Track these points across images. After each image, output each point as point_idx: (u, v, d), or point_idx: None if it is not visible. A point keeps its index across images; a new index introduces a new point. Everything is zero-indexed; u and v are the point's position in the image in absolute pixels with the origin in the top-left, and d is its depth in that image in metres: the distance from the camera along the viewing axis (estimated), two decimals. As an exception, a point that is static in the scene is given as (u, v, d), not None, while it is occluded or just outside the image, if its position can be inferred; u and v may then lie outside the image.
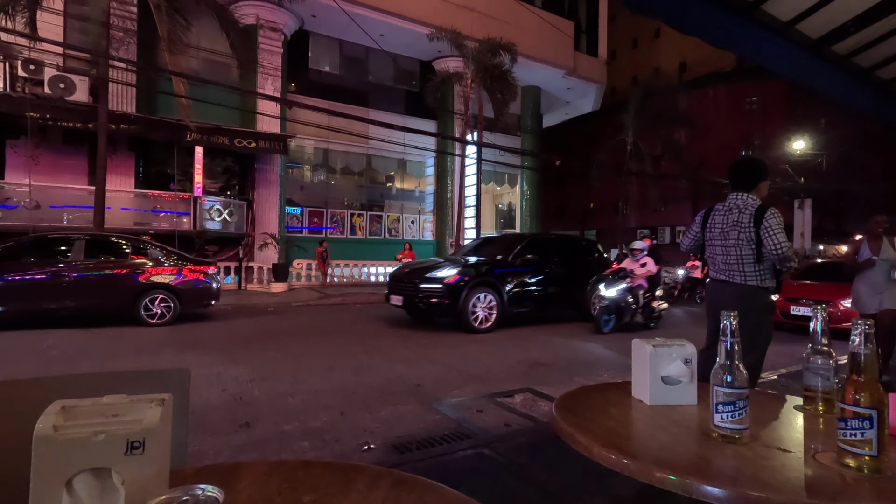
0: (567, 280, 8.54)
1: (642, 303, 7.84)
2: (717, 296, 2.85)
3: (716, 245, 2.83)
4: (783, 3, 3.60)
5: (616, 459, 0.93)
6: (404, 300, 7.69)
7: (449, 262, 7.91)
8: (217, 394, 4.10)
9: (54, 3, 10.42)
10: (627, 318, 7.66)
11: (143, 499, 0.53)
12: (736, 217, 2.72)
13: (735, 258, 2.72)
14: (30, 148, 11.38)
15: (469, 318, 7.29)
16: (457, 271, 7.46)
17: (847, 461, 0.88)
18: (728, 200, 2.84)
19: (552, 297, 8.41)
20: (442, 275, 7.45)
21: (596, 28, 22.06)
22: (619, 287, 7.61)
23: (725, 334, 1.04)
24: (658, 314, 8.28)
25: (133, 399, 0.66)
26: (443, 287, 7.31)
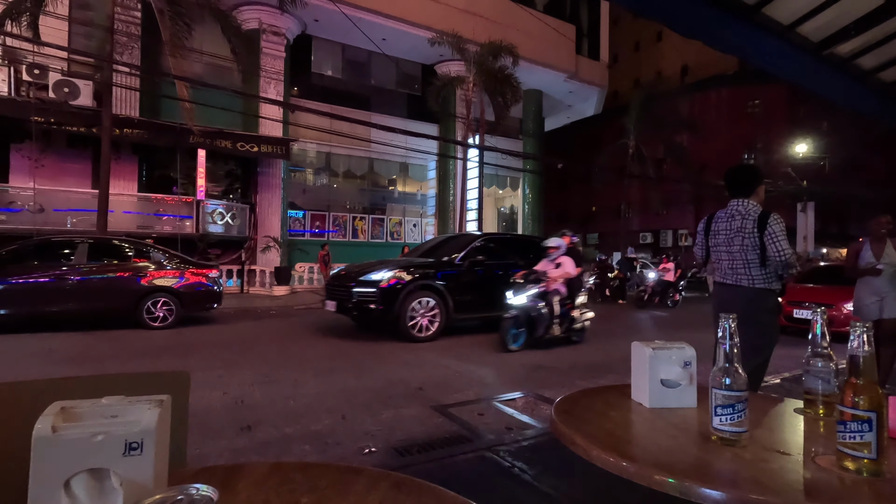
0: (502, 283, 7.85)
1: (559, 312, 6.52)
2: (725, 299, 2.90)
3: (721, 251, 2.91)
4: (784, 5, 3.60)
5: (615, 462, 0.93)
6: (337, 305, 7.15)
7: (388, 264, 7.35)
8: (218, 397, 4.11)
9: (59, 9, 10.49)
10: (541, 331, 6.36)
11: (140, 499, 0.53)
12: (739, 223, 2.80)
13: (741, 263, 2.79)
14: (34, 152, 11.45)
15: (406, 325, 6.69)
16: (392, 274, 6.85)
17: (846, 464, 0.88)
18: (729, 207, 2.93)
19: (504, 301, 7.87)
20: (376, 278, 6.83)
21: (598, 32, 22.10)
22: (529, 293, 6.34)
23: (724, 337, 1.03)
24: (581, 325, 7.02)
25: (131, 400, 0.66)
26: (376, 291, 6.71)
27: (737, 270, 2.83)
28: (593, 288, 14.31)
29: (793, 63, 4.14)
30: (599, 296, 14.26)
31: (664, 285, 13.15)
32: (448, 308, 7.06)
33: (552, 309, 6.45)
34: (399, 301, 6.68)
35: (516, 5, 17.86)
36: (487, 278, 7.54)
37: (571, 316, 6.82)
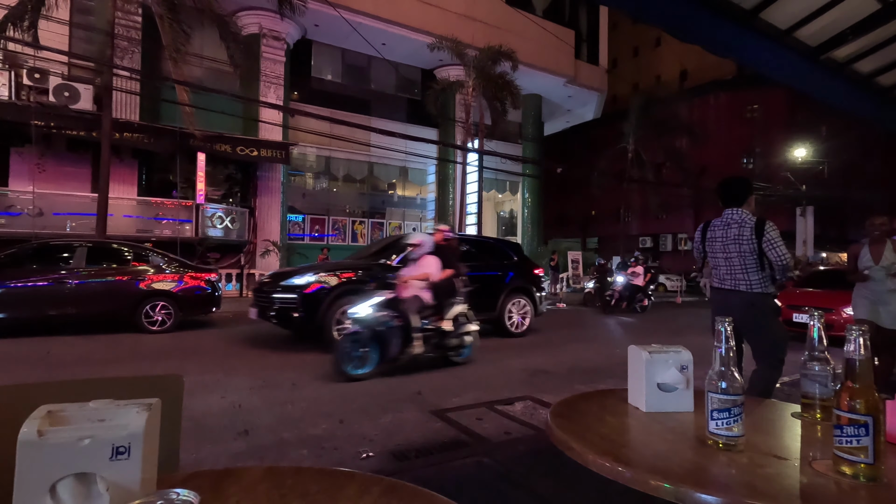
0: (480, 287, 7.08)
1: (420, 325, 5.14)
2: (725, 303, 3.03)
3: (718, 257, 3.09)
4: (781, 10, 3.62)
5: (611, 467, 0.93)
6: (259, 312, 6.56)
7: (315, 268, 6.79)
8: (216, 401, 4.09)
9: (60, 13, 10.53)
10: (395, 351, 4.97)
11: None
12: (736, 231, 2.99)
13: (740, 268, 2.96)
14: (34, 156, 11.46)
15: (332, 334, 6.00)
16: (316, 278, 6.25)
17: (843, 469, 0.87)
18: (724, 216, 3.13)
19: None
20: (298, 283, 6.26)
21: (597, 37, 22.19)
22: (374, 302, 5.02)
23: (719, 340, 1.03)
24: (459, 342, 5.59)
25: (120, 404, 0.66)
26: (297, 297, 6.11)
27: (735, 276, 2.97)
28: (592, 292, 14.27)
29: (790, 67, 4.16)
30: (599, 300, 14.22)
31: (632, 290, 12.73)
32: None
33: (408, 321, 5.06)
34: (323, 308, 6.05)
35: (515, 10, 17.93)
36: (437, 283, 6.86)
37: (442, 330, 5.38)
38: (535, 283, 8.27)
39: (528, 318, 8.01)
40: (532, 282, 8.21)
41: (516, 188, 21.67)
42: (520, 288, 7.96)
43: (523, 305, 8.02)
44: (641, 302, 12.81)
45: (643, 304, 12.84)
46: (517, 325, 7.92)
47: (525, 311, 8.01)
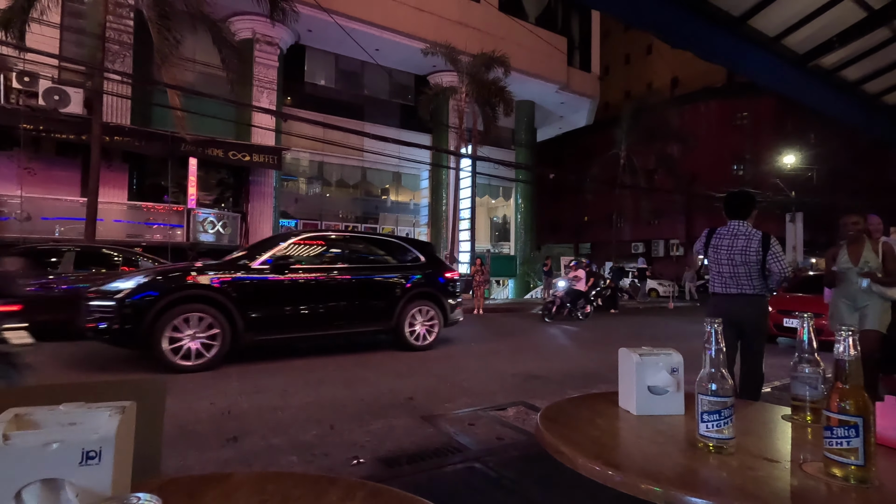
0: (369, 292, 6.56)
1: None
2: (728, 305, 3.32)
3: (722, 264, 3.36)
4: (770, 17, 3.66)
5: (601, 471, 0.91)
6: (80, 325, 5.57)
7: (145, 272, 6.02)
8: (205, 407, 4.03)
9: (50, 16, 10.46)
10: None
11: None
12: (744, 243, 3.28)
13: (745, 274, 3.27)
14: (23, 159, 11.33)
15: (163, 348, 5.17)
16: (139, 284, 5.30)
17: (833, 471, 0.86)
18: (731, 227, 3.40)
19: (338, 316, 6.30)
20: (118, 288, 5.29)
21: (589, 44, 22.39)
22: None
23: (709, 342, 1.02)
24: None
25: (92, 407, 0.63)
26: (115, 305, 5.15)
27: (740, 281, 3.28)
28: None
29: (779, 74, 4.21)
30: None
31: (574, 295, 11.80)
32: (235, 327, 5.50)
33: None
34: (150, 318, 5.13)
35: (508, 17, 18.06)
36: (306, 286, 6.11)
37: None
38: (446, 288, 7.27)
39: (436, 328, 7.05)
40: (442, 287, 7.19)
41: (509, 194, 21.74)
42: (425, 294, 6.99)
43: (429, 314, 7.01)
44: (583, 308, 11.93)
45: (585, 311, 11.96)
46: (420, 337, 6.91)
47: (432, 320, 7.03)
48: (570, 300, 11.71)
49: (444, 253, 18.01)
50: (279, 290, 5.95)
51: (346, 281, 6.44)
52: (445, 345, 7.44)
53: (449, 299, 7.25)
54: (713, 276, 3.44)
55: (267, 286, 5.87)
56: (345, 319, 6.42)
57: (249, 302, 5.69)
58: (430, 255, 7.48)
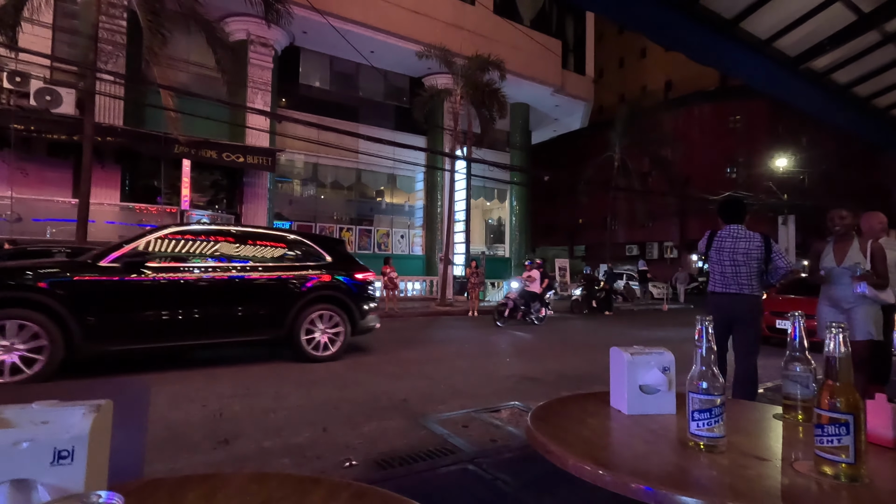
0: (252, 296, 5.74)
1: None
2: (730, 305, 3.50)
3: (725, 264, 3.54)
4: (761, 20, 3.68)
5: (591, 471, 0.90)
6: None
7: None
8: (197, 410, 3.99)
9: (43, 16, 10.38)
10: None
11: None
12: (745, 245, 3.48)
13: (745, 275, 3.46)
14: (13, 160, 11.22)
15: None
16: None
17: (824, 469, 0.85)
18: (731, 230, 3.58)
19: (211, 323, 5.50)
20: None
21: (583, 47, 22.49)
22: None
23: (700, 340, 1.01)
24: None
25: (66, 405, 0.61)
26: None
27: (740, 281, 3.46)
28: (580, 299, 14.33)
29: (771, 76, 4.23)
30: (586, 307, 14.28)
31: (528, 297, 10.90)
32: (69, 334, 4.70)
33: None
34: None
35: (503, 20, 18.11)
36: (176, 290, 5.36)
37: None
38: (356, 291, 6.42)
39: (341, 336, 6.22)
40: (349, 290, 6.36)
41: (504, 196, 21.76)
42: (328, 297, 6.20)
43: (333, 321, 6.19)
44: (538, 312, 11.05)
45: (540, 315, 11.06)
46: (321, 346, 6.09)
47: (337, 327, 6.20)
48: (523, 303, 10.86)
49: (438, 255, 18.01)
50: (131, 293, 5.15)
51: (220, 283, 5.58)
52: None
53: (360, 304, 6.42)
54: (714, 276, 3.59)
55: (115, 288, 5.05)
56: (219, 327, 5.57)
57: (90, 306, 4.87)
58: (338, 253, 6.61)
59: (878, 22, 3.72)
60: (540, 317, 11.08)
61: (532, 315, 10.97)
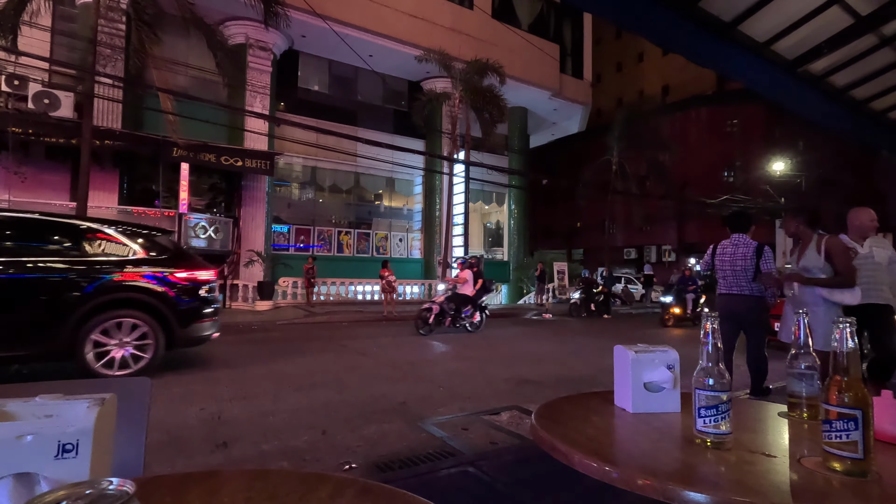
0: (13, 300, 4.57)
1: None
2: (732, 303, 3.93)
3: (726, 269, 3.97)
4: (759, 24, 3.71)
5: (597, 467, 0.89)
6: None
7: None
8: (195, 413, 3.97)
9: (41, 20, 10.38)
10: None
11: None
12: (742, 251, 3.90)
13: (744, 278, 3.87)
14: (11, 163, 11.19)
15: None
16: None
17: (833, 464, 0.85)
18: (733, 239, 3.98)
19: None
20: None
21: (581, 51, 22.59)
22: None
23: (706, 336, 1.01)
24: None
25: (69, 399, 0.61)
26: None
27: (740, 283, 3.88)
28: (578, 303, 14.32)
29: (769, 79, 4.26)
30: (585, 310, 14.28)
31: (459, 301, 9.33)
32: None
33: None
34: None
35: (501, 24, 18.19)
36: None
37: None
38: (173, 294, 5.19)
39: (149, 351, 4.98)
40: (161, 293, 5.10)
41: (503, 199, 21.79)
42: (130, 301, 4.96)
43: (138, 331, 4.96)
44: (471, 317, 9.62)
45: (473, 321, 9.66)
46: (117, 364, 4.86)
47: (143, 340, 4.97)
48: (453, 307, 9.28)
49: (437, 258, 18.00)
50: None
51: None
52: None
53: (182, 309, 5.19)
54: (720, 279, 4.05)
55: None
56: None
57: None
58: (155, 245, 5.29)
59: (876, 25, 3.74)
60: (474, 322, 9.66)
61: (463, 321, 9.47)
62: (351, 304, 14.74)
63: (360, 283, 16.40)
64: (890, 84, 4.55)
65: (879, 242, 3.74)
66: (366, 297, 15.97)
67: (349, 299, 15.55)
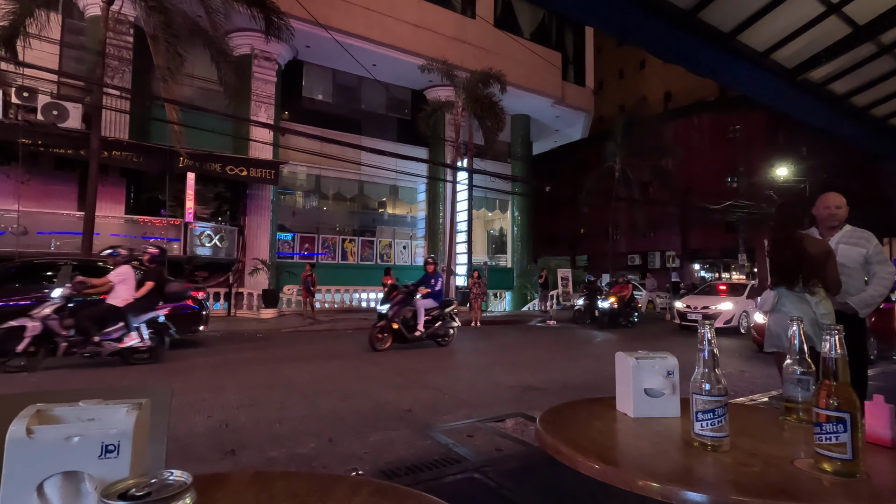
0: None
1: None
2: None
3: None
4: (758, 33, 3.76)
5: (600, 469, 0.93)
6: None
7: None
8: (203, 420, 4.01)
9: (50, 32, 10.57)
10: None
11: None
12: None
13: None
14: (20, 174, 11.35)
15: None
16: None
17: (824, 465, 0.89)
18: None
19: None
20: None
21: (583, 59, 22.74)
22: None
23: (703, 343, 1.05)
24: None
25: (109, 404, 0.66)
26: None
27: None
28: (582, 309, 14.31)
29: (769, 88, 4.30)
30: (589, 317, 14.26)
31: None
32: None
33: None
34: None
35: (504, 33, 18.34)
36: None
37: None
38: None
39: None
40: None
41: (506, 207, 21.86)
42: None
43: None
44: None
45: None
46: None
47: None
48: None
49: (441, 265, 18.04)
50: None
51: None
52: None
53: None
54: None
55: None
56: None
57: None
58: None
59: (874, 34, 3.79)
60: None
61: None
62: (356, 312, 14.79)
63: (365, 291, 16.46)
64: (890, 91, 4.59)
65: (853, 237, 2.96)
66: (370, 305, 16.00)
67: (353, 307, 15.60)
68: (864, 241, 2.93)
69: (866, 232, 2.99)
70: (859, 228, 3.03)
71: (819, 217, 3.10)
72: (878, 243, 2.95)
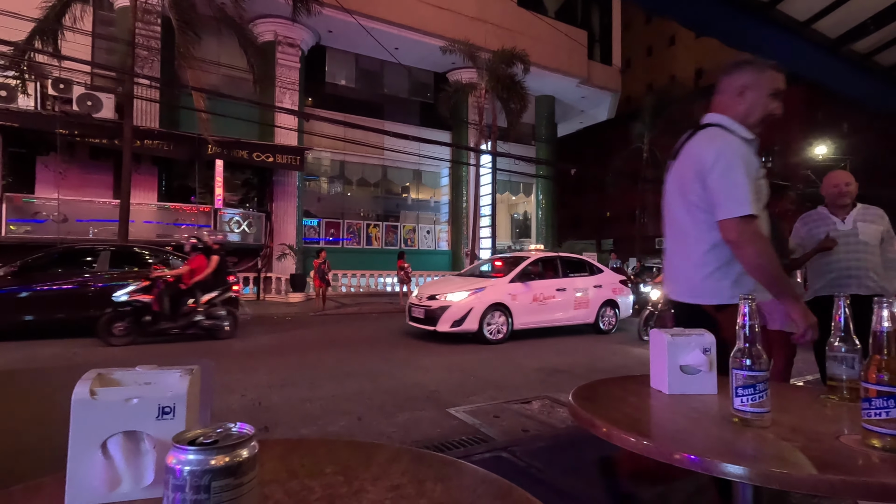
0: None
1: None
2: None
3: None
4: (799, 2, 3.57)
5: (635, 442, 0.93)
6: None
7: None
8: (237, 399, 4.16)
9: (83, 24, 10.84)
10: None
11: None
12: None
13: None
14: (58, 163, 11.79)
15: None
16: None
17: (872, 441, 0.86)
18: None
19: None
20: None
21: (609, 37, 22.08)
22: None
23: (744, 318, 1.03)
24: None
25: (164, 369, 0.69)
26: None
27: None
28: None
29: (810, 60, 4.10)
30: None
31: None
32: None
33: None
34: None
35: (527, 12, 17.94)
36: None
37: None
38: None
39: None
40: None
41: (530, 190, 21.62)
42: None
43: None
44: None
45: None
46: None
47: None
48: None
49: (464, 250, 18.04)
50: None
51: None
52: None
53: None
54: None
55: None
56: None
57: None
58: None
59: (926, -1, 3.55)
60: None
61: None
62: (381, 296, 14.96)
63: (389, 276, 16.62)
64: (942, 61, 4.31)
65: (868, 214, 2.94)
66: (394, 289, 16.16)
67: (378, 290, 15.79)
68: (880, 219, 2.95)
69: (879, 209, 3.01)
70: (871, 206, 3.02)
71: (828, 196, 3.06)
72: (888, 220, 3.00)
